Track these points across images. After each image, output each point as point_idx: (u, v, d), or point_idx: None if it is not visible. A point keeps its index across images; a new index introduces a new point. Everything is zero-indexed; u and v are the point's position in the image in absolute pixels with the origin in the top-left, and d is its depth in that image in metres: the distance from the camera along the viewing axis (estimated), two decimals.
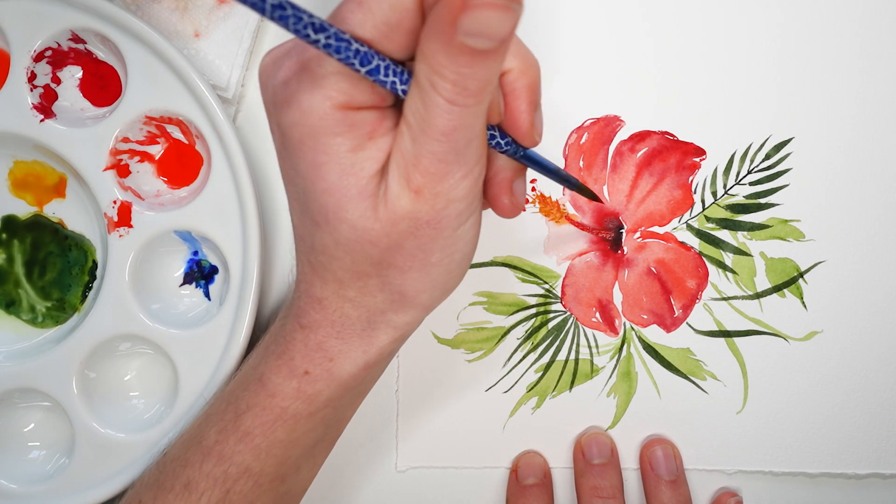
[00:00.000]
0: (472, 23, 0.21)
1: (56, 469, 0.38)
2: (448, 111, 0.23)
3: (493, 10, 0.21)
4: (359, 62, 0.22)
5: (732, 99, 0.39)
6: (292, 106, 0.24)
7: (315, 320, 0.28)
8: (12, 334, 0.40)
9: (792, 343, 0.38)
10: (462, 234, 0.26)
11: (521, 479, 0.38)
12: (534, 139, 0.27)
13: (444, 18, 0.21)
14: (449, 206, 0.25)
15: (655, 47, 0.39)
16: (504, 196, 0.28)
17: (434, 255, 0.26)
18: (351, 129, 0.24)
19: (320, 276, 0.27)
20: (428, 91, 0.23)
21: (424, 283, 0.27)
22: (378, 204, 0.25)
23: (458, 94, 0.22)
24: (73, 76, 0.38)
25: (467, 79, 0.22)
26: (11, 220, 0.40)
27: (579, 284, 0.39)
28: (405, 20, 0.23)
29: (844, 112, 0.38)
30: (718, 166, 0.39)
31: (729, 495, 0.38)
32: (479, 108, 0.23)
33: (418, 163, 0.24)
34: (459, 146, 0.24)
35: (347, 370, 0.29)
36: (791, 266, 0.38)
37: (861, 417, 0.38)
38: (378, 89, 0.24)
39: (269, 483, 0.31)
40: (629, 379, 0.39)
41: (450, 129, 0.23)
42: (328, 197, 0.25)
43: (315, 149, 0.24)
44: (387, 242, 0.25)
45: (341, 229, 0.25)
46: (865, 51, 0.38)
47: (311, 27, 0.21)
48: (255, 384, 0.30)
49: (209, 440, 0.31)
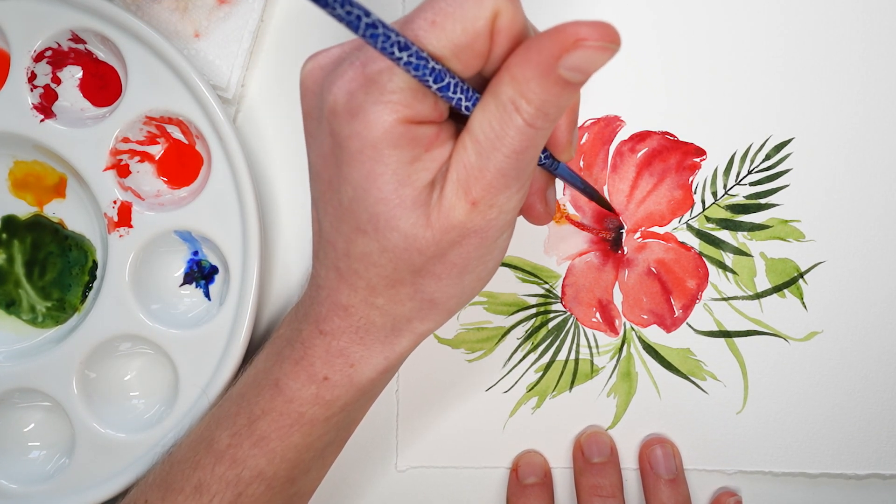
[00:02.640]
0: (576, 59, 0.23)
1: (56, 469, 0.38)
2: (524, 132, 0.24)
3: (598, 50, 0.22)
4: (433, 80, 0.23)
5: (733, 99, 0.39)
6: (357, 117, 0.24)
7: (338, 327, 0.29)
8: (12, 334, 0.40)
9: (792, 343, 0.38)
10: (500, 243, 0.27)
11: (521, 479, 0.38)
12: (570, 154, 0.28)
13: (550, 51, 0.23)
14: (499, 217, 0.26)
15: (656, 48, 0.39)
16: (539, 204, 0.30)
17: (472, 264, 0.27)
18: (412, 142, 0.25)
19: (350, 283, 0.28)
20: (510, 111, 0.24)
21: (456, 290, 0.28)
22: (431, 212, 0.25)
23: (539, 118, 0.24)
24: (73, 76, 0.38)
25: (550, 105, 0.24)
26: (11, 220, 0.40)
27: (579, 284, 0.39)
28: (476, 43, 0.24)
29: (845, 112, 0.38)
30: (719, 166, 0.39)
31: (728, 495, 0.38)
32: (548, 132, 0.25)
33: (482, 176, 0.25)
34: (523, 164, 0.25)
35: (367, 375, 0.29)
36: (791, 266, 0.38)
37: (861, 417, 0.38)
38: (440, 105, 0.25)
39: (280, 486, 0.31)
40: (629, 379, 0.39)
41: (522, 148, 0.24)
42: (382, 206, 0.25)
43: (375, 159, 0.25)
44: (434, 251, 0.26)
45: (392, 237, 0.26)
46: (866, 51, 0.38)
47: (398, 46, 0.22)
48: (270, 389, 0.30)
49: (221, 443, 0.31)
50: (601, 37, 0.22)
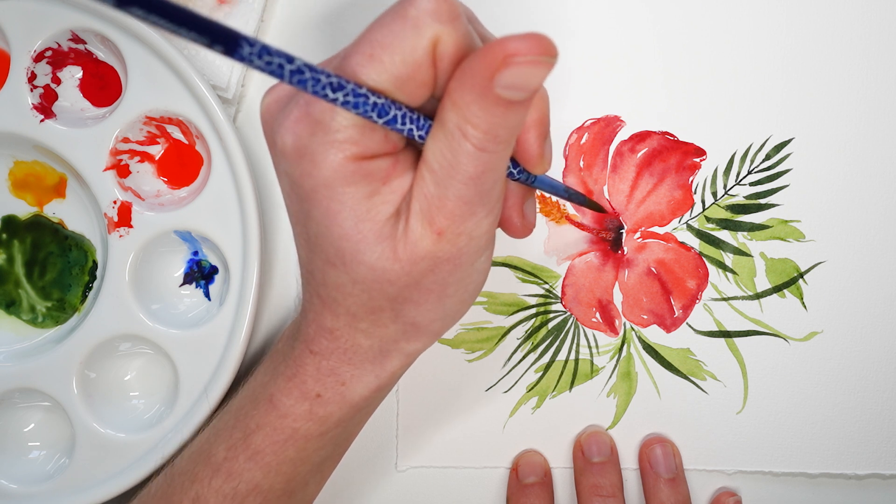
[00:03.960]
0: (510, 77, 0.21)
1: (56, 469, 0.38)
2: (477, 157, 0.23)
3: (531, 65, 0.21)
4: (376, 114, 0.23)
5: (733, 99, 0.39)
6: (305, 158, 0.24)
7: (326, 348, 0.29)
8: (12, 334, 0.40)
9: (792, 343, 0.38)
10: (478, 266, 0.27)
11: (521, 478, 0.38)
12: (543, 167, 0.27)
13: (482, 72, 0.22)
14: (470, 243, 0.25)
15: (656, 47, 0.39)
16: (516, 218, 0.29)
17: (450, 288, 0.26)
18: (366, 177, 0.24)
19: (331, 309, 0.28)
20: (458, 138, 0.23)
21: (438, 314, 0.27)
22: (397, 245, 0.25)
23: (489, 142, 0.23)
24: (73, 76, 0.38)
25: (498, 127, 0.23)
26: (11, 220, 0.40)
27: (579, 284, 0.39)
28: (417, 73, 0.23)
29: (845, 112, 0.38)
30: (719, 166, 0.39)
31: (728, 495, 0.38)
32: (505, 153, 0.24)
33: (443, 205, 0.24)
34: (485, 189, 0.24)
35: (359, 393, 0.29)
36: (791, 266, 0.38)
37: (861, 417, 0.38)
38: (391, 136, 0.24)
39: (277, 499, 0.31)
40: (629, 379, 0.39)
41: (478, 173, 0.24)
42: (345, 242, 0.25)
43: (330, 198, 0.24)
44: (406, 281, 0.26)
45: (359, 270, 0.25)
46: (866, 51, 0.38)
47: (330, 87, 0.21)
48: (265, 404, 0.30)
49: (218, 457, 0.31)
50: (532, 50, 0.21)
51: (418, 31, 0.23)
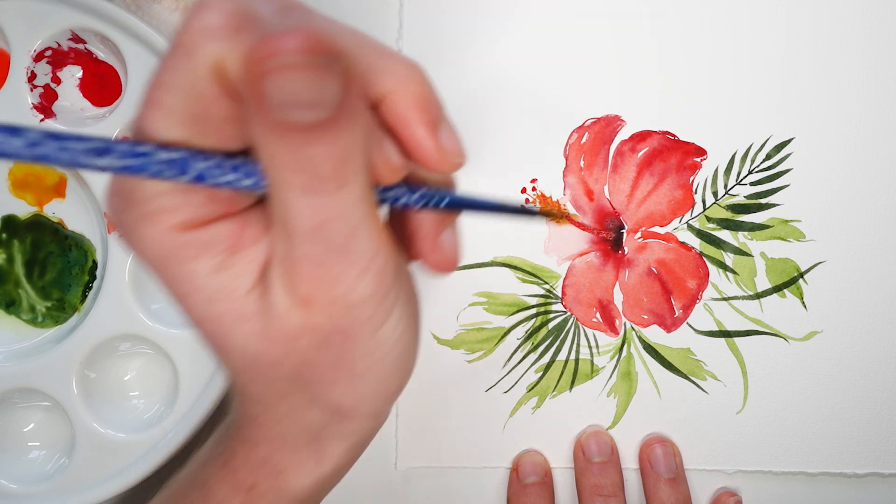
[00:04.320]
0: (279, 94, 0.16)
1: (56, 469, 0.38)
2: (307, 205, 0.18)
3: (298, 71, 0.16)
4: (175, 172, 0.18)
5: (733, 99, 0.39)
6: (129, 237, 0.20)
7: (255, 435, 0.24)
8: (12, 334, 0.40)
9: (792, 343, 0.38)
10: (385, 335, 0.21)
11: (521, 478, 0.38)
12: (448, 163, 0.21)
13: (249, 91, 0.16)
14: (352, 312, 0.20)
15: (656, 47, 0.39)
16: (430, 255, 0.23)
17: (358, 366, 0.21)
18: (205, 249, 0.19)
19: (243, 396, 0.23)
20: (278, 186, 0.18)
21: (358, 395, 0.22)
22: (264, 323, 0.20)
23: (313, 183, 0.17)
24: (73, 76, 0.38)
25: (315, 162, 0.17)
26: (11, 220, 0.40)
27: (580, 285, 0.39)
28: (210, 109, 0.18)
29: (845, 112, 0.38)
30: (719, 166, 0.39)
31: (728, 495, 0.38)
32: (349, 190, 0.18)
33: (296, 270, 0.19)
34: (337, 242, 0.19)
35: (301, 483, 0.24)
36: (791, 266, 0.38)
37: (861, 417, 0.38)
38: (221, 195, 0.19)
39: None
40: (629, 379, 0.39)
41: (316, 225, 0.18)
42: (205, 325, 0.20)
43: (172, 279, 0.20)
44: (291, 362, 0.21)
45: (232, 357, 0.21)
46: (866, 51, 0.38)
47: (93, 153, 0.17)
48: (197, 491, 0.26)
49: None
50: (288, 49, 0.16)
51: (191, 57, 0.17)
